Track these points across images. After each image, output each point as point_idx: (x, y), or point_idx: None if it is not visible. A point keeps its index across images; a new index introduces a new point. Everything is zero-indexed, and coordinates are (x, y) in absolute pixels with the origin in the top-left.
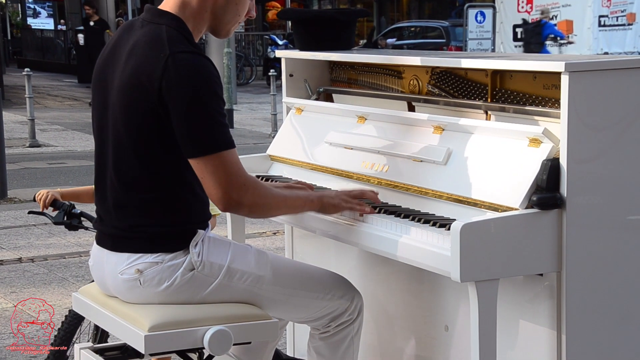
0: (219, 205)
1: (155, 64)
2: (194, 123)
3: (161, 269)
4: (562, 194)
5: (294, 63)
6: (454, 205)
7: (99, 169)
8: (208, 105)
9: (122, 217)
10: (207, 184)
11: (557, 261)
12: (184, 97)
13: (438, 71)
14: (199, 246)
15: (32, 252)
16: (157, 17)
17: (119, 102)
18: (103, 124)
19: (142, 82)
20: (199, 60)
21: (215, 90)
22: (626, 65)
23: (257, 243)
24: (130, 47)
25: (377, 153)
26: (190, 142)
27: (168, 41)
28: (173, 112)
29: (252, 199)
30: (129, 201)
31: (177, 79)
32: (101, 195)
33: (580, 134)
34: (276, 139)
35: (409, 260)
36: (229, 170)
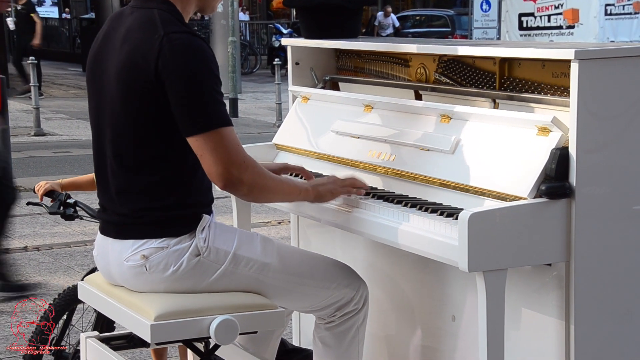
0: (219, 182)
1: (150, 45)
2: (192, 100)
3: (167, 253)
4: (571, 183)
5: (299, 51)
6: (461, 194)
7: (98, 158)
8: (205, 83)
9: (125, 202)
10: (207, 161)
11: (565, 251)
12: (180, 75)
13: (445, 59)
14: (205, 231)
15: (37, 240)
16: (146, 2)
17: (116, 87)
18: (100, 112)
19: (138, 64)
20: (194, 39)
21: (211, 68)
22: (636, 53)
23: (262, 232)
24: (123, 33)
25: (384, 142)
26: (189, 120)
27: (161, 23)
28: (170, 91)
29: (251, 177)
30: (130, 185)
31: (172, 58)
32: (103, 184)
33: (589, 123)
34: (282, 128)
35: (416, 250)
36: (229, 146)
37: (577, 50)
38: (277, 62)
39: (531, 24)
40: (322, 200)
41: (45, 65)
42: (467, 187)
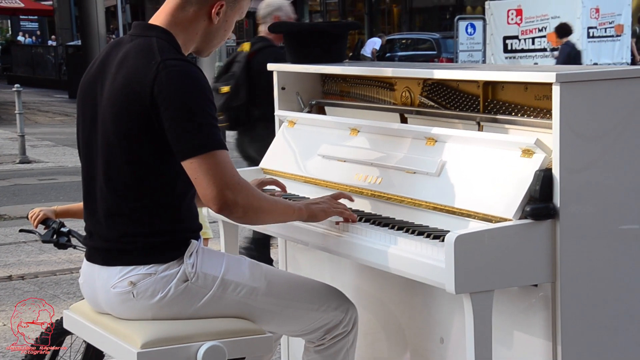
0: (214, 205)
1: (146, 70)
2: (187, 124)
3: (154, 280)
4: (556, 204)
5: (285, 76)
6: (447, 216)
7: (87, 184)
8: (200, 108)
9: (113, 226)
10: (201, 184)
11: (551, 272)
12: (176, 99)
13: (430, 83)
14: (193, 257)
15: (22, 269)
16: (147, 30)
17: (110, 111)
18: (91, 137)
19: (133, 88)
20: (190, 67)
21: (206, 94)
22: (615, 76)
23: None
24: (120, 59)
25: (370, 165)
26: (184, 143)
27: (159, 49)
28: (165, 115)
29: (246, 199)
30: (119, 210)
31: (168, 83)
32: (90, 208)
33: (572, 144)
34: (269, 152)
35: (403, 272)
36: (223, 170)
37: (558, 74)
38: None
39: (516, 47)
40: (315, 219)
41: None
42: (453, 209)
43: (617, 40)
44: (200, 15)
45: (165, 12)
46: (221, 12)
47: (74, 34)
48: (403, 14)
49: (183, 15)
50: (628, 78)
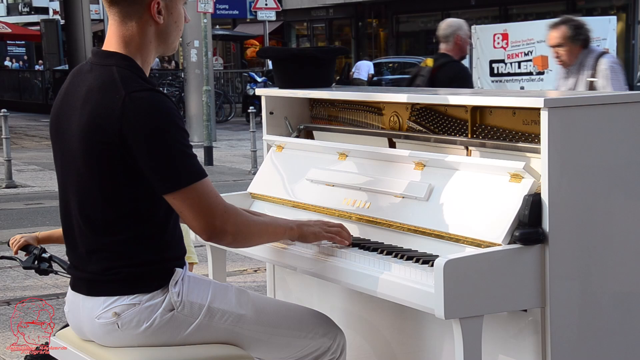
0: (203, 235)
1: (111, 106)
2: (161, 159)
3: (139, 310)
4: (545, 229)
5: (274, 101)
6: (436, 241)
7: (65, 219)
8: (171, 139)
9: (96, 261)
10: (188, 216)
11: (540, 297)
12: (146, 134)
13: (418, 107)
14: (178, 285)
15: (7, 294)
16: (105, 58)
17: (79, 148)
18: (65, 170)
19: (100, 125)
20: (155, 96)
21: (176, 122)
22: (602, 101)
23: (238, 281)
24: (84, 93)
25: (359, 190)
26: (162, 179)
27: (121, 81)
28: (137, 151)
29: (234, 226)
30: (100, 246)
31: (135, 118)
32: (71, 243)
33: (560, 169)
34: (257, 177)
35: (393, 298)
36: (207, 199)
37: (546, 99)
38: (252, 110)
39: (502, 71)
40: (304, 240)
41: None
42: (442, 233)
43: None
44: (144, 23)
45: (113, 35)
46: (161, 8)
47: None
48: (390, 38)
49: (129, 31)
50: (615, 104)
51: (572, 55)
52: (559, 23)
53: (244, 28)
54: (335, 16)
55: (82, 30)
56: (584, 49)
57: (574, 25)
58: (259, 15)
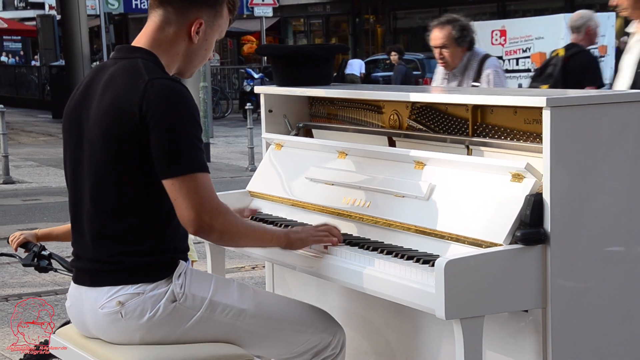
0: (190, 227)
1: (134, 89)
2: (172, 144)
3: (143, 299)
4: (546, 229)
5: (272, 99)
6: (436, 240)
7: (74, 208)
8: (185, 128)
9: (101, 247)
10: (180, 205)
11: (542, 297)
12: (163, 118)
13: (418, 106)
14: (181, 277)
15: (6, 290)
16: (130, 52)
17: (97, 132)
18: (78, 161)
19: (122, 108)
20: (178, 86)
21: (193, 113)
22: (605, 100)
23: (236, 277)
24: (105, 81)
25: (359, 189)
26: (167, 162)
27: (145, 69)
28: (152, 132)
29: (223, 224)
30: (107, 230)
31: (157, 102)
32: (78, 230)
33: (562, 169)
34: (256, 175)
35: (393, 297)
36: (203, 192)
37: (548, 98)
38: (249, 106)
39: None
40: (292, 247)
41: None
42: (442, 233)
43: (601, 61)
44: (180, 36)
45: (146, 35)
46: (200, 30)
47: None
48: (387, 35)
49: (164, 36)
50: (617, 102)
51: (456, 57)
52: (443, 23)
53: (241, 24)
54: (332, 12)
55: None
56: (468, 51)
57: (460, 26)
58: (255, 11)
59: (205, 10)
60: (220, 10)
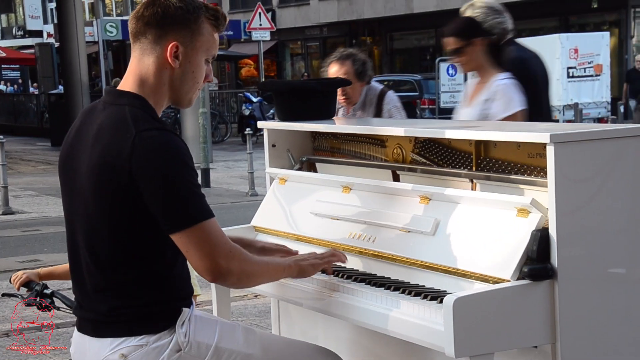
0: (207, 276)
1: (122, 144)
2: (170, 198)
3: (146, 351)
4: (553, 264)
5: (276, 133)
6: (443, 276)
7: (73, 255)
8: (181, 178)
9: (102, 300)
10: (193, 256)
11: (550, 333)
12: (156, 175)
13: (422, 140)
14: (185, 325)
15: (7, 325)
16: (118, 97)
17: (89, 186)
18: (73, 208)
19: (111, 163)
20: (166, 135)
21: (185, 161)
22: (609, 135)
23: (238, 306)
24: (95, 131)
25: (364, 223)
26: (169, 218)
27: (132, 121)
28: (146, 190)
29: (239, 266)
30: (107, 284)
31: (146, 157)
32: (78, 280)
33: (568, 204)
34: (260, 210)
35: (401, 335)
36: (213, 239)
37: (552, 134)
38: (249, 131)
39: None
40: (304, 274)
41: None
42: (449, 268)
43: (596, 80)
44: (160, 65)
45: (131, 74)
46: (179, 53)
47: (56, 81)
48: (384, 56)
49: (145, 70)
50: (622, 137)
51: (357, 92)
52: (343, 58)
53: (239, 48)
54: (330, 34)
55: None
56: (366, 86)
57: (361, 61)
58: (253, 35)
59: (178, 31)
60: (197, 28)
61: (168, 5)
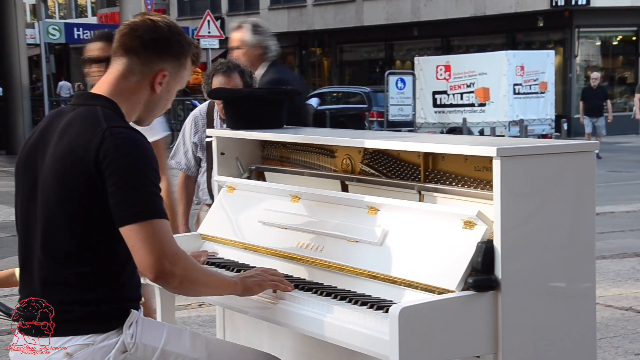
0: (150, 274)
1: (91, 136)
2: (129, 190)
3: (93, 350)
4: (497, 276)
5: (225, 141)
6: (389, 286)
7: (24, 255)
8: (144, 174)
9: (50, 295)
10: (138, 252)
11: (493, 343)
12: (120, 166)
13: (371, 151)
14: (132, 327)
15: None
16: (90, 99)
17: (52, 178)
18: (30, 206)
19: (78, 154)
20: (136, 135)
21: (151, 162)
22: (554, 151)
23: (182, 315)
24: (62, 127)
25: (312, 233)
26: (124, 209)
27: (104, 117)
28: (109, 180)
29: (183, 271)
30: (57, 277)
31: (114, 149)
32: (26, 277)
33: (512, 216)
34: (207, 218)
35: (347, 344)
36: (162, 238)
37: (498, 148)
38: None
39: (445, 102)
40: (250, 293)
41: None
42: (395, 278)
43: (541, 97)
44: (143, 85)
45: (108, 83)
46: (164, 82)
47: None
48: (333, 67)
49: (126, 85)
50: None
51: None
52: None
53: None
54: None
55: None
56: None
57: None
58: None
59: (170, 61)
60: (185, 62)
61: (169, 37)
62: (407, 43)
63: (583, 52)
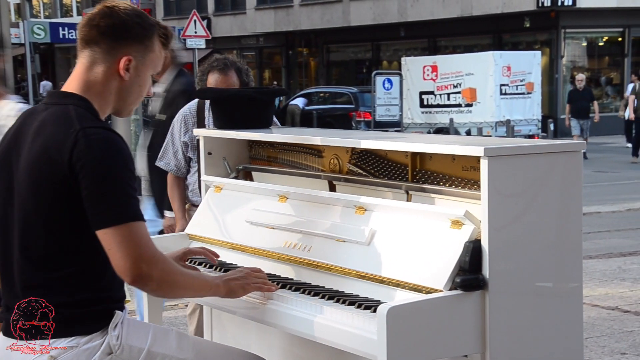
0: (127, 277)
1: (64, 138)
2: (104, 193)
3: (77, 353)
4: (485, 275)
5: (212, 141)
6: (377, 285)
7: (3, 258)
8: (119, 177)
9: None
10: (115, 255)
11: (480, 342)
12: (94, 168)
13: (358, 151)
14: (118, 328)
15: None
16: (62, 98)
17: (26, 180)
18: (7, 209)
19: (51, 156)
20: (110, 134)
21: (126, 162)
22: (541, 150)
23: (169, 316)
24: (36, 128)
25: (299, 233)
26: (100, 212)
27: (77, 117)
28: (83, 182)
29: (160, 273)
30: (38, 281)
31: (88, 151)
32: (8, 281)
33: (500, 216)
34: (195, 218)
35: (334, 344)
36: (139, 241)
37: (486, 148)
38: None
39: (432, 102)
40: (234, 295)
41: None
42: (383, 278)
43: (528, 98)
44: (110, 75)
45: (76, 78)
46: (130, 67)
47: None
48: (320, 67)
49: (93, 77)
50: (553, 152)
51: None
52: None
53: None
54: (266, 45)
55: None
56: None
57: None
58: (188, 42)
59: (133, 46)
60: (151, 45)
61: (126, 20)
62: (394, 43)
63: (569, 53)
